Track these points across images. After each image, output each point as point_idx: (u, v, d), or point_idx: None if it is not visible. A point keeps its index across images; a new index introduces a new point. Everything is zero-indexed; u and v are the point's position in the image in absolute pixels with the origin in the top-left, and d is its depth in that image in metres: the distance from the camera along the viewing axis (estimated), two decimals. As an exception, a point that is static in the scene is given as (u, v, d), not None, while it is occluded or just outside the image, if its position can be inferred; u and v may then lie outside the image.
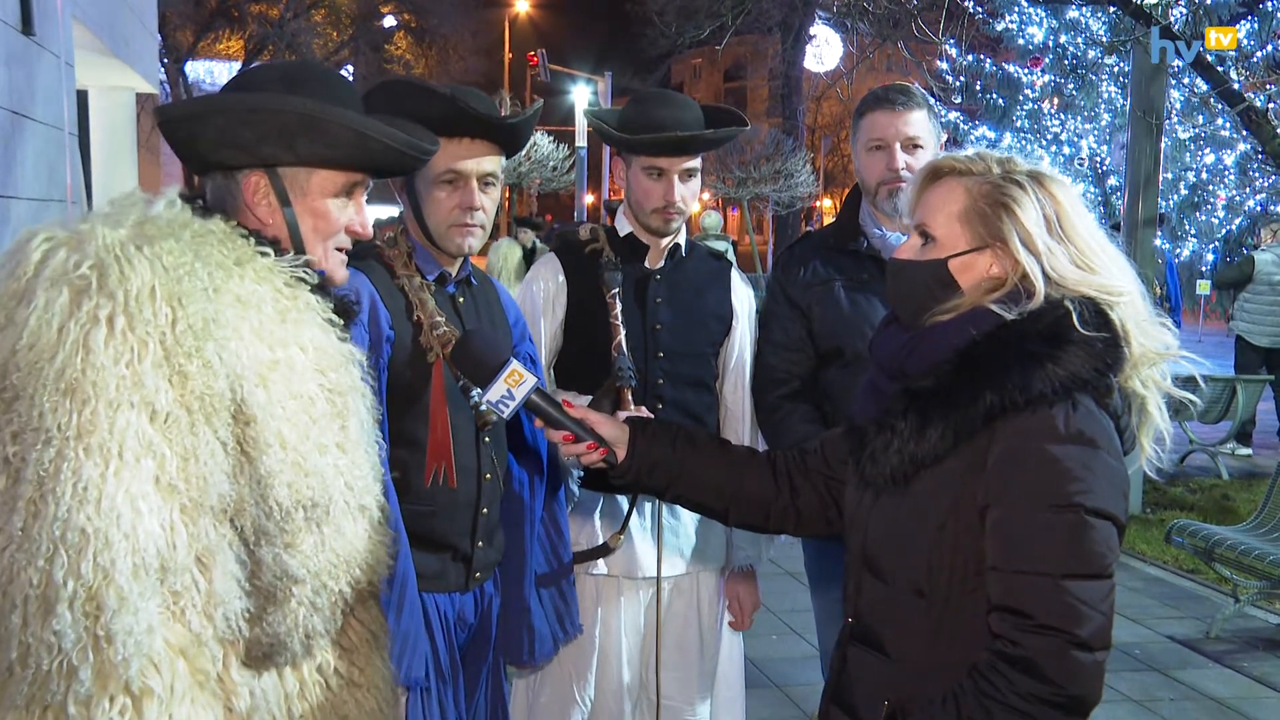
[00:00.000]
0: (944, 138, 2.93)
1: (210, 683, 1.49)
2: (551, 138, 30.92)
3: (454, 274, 2.32)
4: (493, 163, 2.27)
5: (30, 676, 1.36)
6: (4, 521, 1.36)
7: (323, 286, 1.67)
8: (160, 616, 1.43)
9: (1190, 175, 11.85)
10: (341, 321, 1.67)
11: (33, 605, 1.34)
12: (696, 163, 2.73)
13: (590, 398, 2.61)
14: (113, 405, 1.37)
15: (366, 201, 1.81)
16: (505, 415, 1.91)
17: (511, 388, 1.87)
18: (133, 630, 1.38)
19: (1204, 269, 12.83)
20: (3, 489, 1.37)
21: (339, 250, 1.75)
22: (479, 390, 1.91)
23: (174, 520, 1.42)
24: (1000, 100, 12.26)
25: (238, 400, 1.48)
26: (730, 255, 3.99)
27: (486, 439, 2.29)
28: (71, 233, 1.46)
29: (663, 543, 2.76)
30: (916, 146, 2.72)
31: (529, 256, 11.82)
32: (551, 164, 30.42)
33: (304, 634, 1.59)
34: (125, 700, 1.40)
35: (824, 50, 24.35)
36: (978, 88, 12.48)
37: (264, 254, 1.60)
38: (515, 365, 1.88)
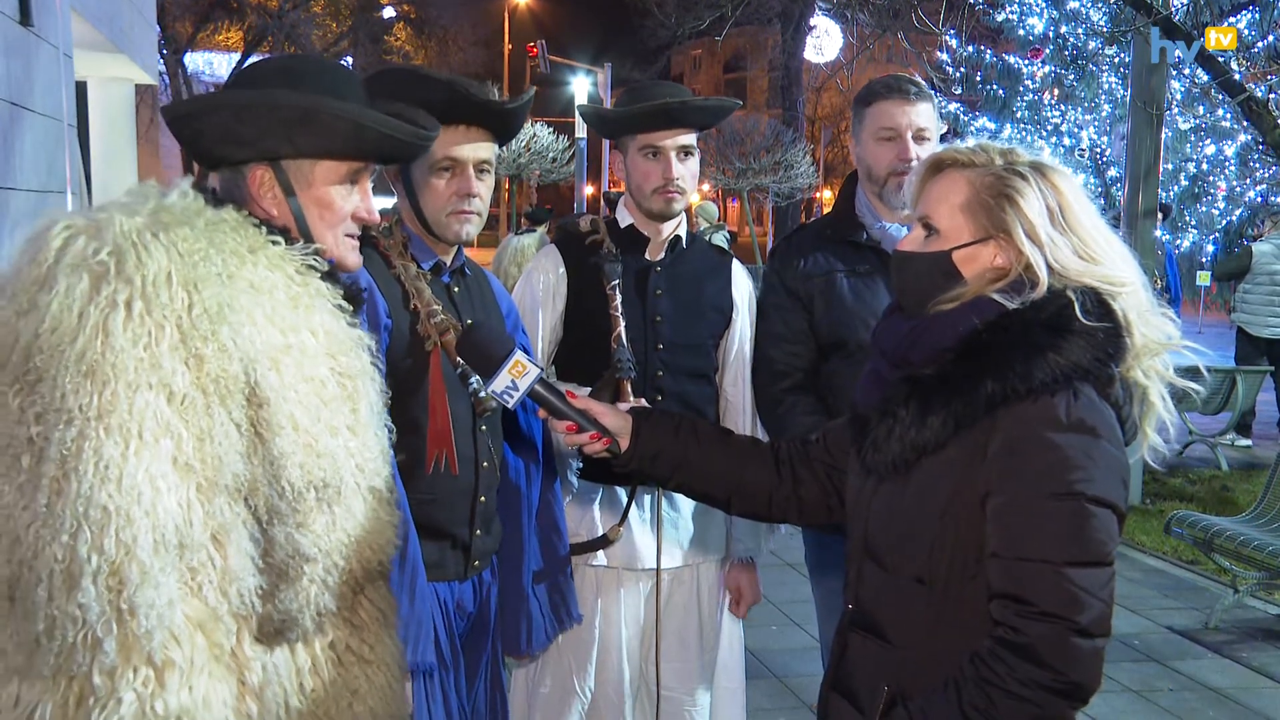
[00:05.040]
0: (944, 129, 2.92)
1: (225, 656, 1.53)
2: (551, 129, 30.89)
3: (449, 263, 2.34)
4: (488, 150, 2.30)
5: (56, 648, 1.40)
6: (29, 499, 1.39)
7: (332, 274, 1.70)
8: (179, 591, 1.46)
9: (1191, 166, 11.84)
10: (351, 308, 1.70)
11: (58, 579, 1.38)
12: (693, 141, 2.73)
13: (590, 390, 2.62)
14: (131, 386, 1.41)
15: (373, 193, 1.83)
16: (510, 405, 1.92)
17: (515, 378, 1.89)
18: (154, 603, 1.41)
19: (1204, 260, 12.82)
20: (27, 468, 1.40)
21: (349, 237, 1.78)
22: (478, 379, 1.92)
23: (190, 498, 1.45)
24: (1000, 91, 12.23)
25: (251, 383, 1.50)
26: (722, 244, 3.99)
27: (484, 427, 2.30)
28: (90, 220, 1.50)
29: (662, 534, 2.77)
30: (925, 138, 2.70)
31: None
32: (551, 155, 30.39)
33: (315, 611, 1.63)
34: (148, 671, 1.43)
35: (824, 41, 24.30)
36: (978, 79, 12.44)
37: (275, 243, 1.63)
38: (519, 356, 1.90)
